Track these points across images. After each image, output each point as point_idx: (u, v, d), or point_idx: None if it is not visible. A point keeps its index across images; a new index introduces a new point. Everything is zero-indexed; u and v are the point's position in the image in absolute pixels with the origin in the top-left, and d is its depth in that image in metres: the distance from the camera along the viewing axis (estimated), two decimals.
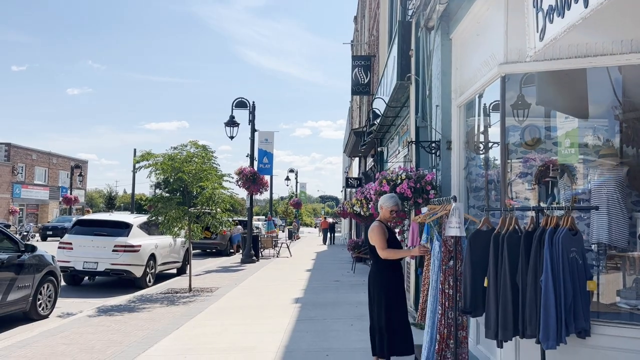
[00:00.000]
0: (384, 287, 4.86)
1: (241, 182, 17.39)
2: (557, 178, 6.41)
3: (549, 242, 3.85)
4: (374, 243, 4.87)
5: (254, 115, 18.17)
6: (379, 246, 4.84)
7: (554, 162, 6.03)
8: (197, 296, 10.41)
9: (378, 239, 4.85)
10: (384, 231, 4.91)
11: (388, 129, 12.12)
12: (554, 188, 6.49)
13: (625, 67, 5.73)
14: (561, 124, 6.20)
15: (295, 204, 38.62)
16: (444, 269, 4.82)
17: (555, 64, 4.40)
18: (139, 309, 9.02)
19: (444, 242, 4.85)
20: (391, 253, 4.86)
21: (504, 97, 4.69)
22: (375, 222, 5.04)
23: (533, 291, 3.87)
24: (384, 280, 4.90)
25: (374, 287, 4.92)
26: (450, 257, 4.80)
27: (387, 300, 4.82)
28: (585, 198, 6.15)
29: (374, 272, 4.98)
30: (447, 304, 4.77)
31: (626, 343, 4.14)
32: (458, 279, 4.75)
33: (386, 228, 4.98)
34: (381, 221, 5.02)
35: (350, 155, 23.53)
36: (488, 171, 6.20)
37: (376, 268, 4.97)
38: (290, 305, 9.10)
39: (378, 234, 4.85)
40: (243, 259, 17.85)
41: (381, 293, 4.85)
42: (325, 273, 14.71)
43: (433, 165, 6.52)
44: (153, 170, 10.71)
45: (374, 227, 4.93)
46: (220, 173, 11.53)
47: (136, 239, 11.98)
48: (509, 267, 3.94)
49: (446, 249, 4.84)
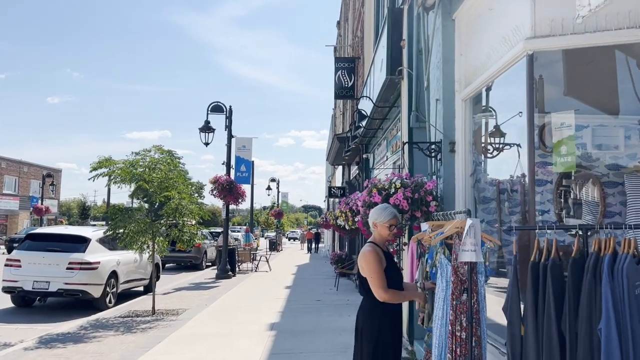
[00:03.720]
0: (373, 337, 3.58)
1: (216, 192, 16.22)
2: (572, 187, 5.39)
3: (609, 275, 2.78)
4: (366, 276, 3.61)
5: (230, 120, 17.02)
6: (376, 284, 3.54)
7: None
8: (159, 320, 9.17)
9: (374, 273, 3.54)
10: (381, 260, 3.59)
11: (375, 134, 11.07)
12: (569, 199, 5.47)
13: None
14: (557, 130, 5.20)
15: (276, 214, 37.36)
16: (454, 304, 3.72)
17: (603, 37, 3.37)
18: (88, 339, 7.76)
19: (455, 269, 3.75)
20: (394, 296, 3.61)
21: (531, 81, 3.65)
22: (367, 246, 3.73)
23: (588, 344, 2.78)
24: (374, 325, 3.60)
25: (362, 331, 3.67)
26: (464, 289, 3.69)
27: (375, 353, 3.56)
28: (616, 211, 5.14)
29: (365, 312, 3.70)
30: (459, 351, 3.65)
31: None
32: (473, 318, 3.65)
33: (383, 254, 3.69)
34: (375, 244, 3.71)
35: (334, 163, 22.45)
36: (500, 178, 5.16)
37: (368, 306, 3.67)
38: (264, 333, 7.92)
39: (373, 265, 3.55)
40: (218, 274, 16.59)
41: (369, 344, 3.58)
42: (306, 290, 13.55)
43: (432, 171, 5.45)
44: (111, 178, 9.49)
45: (366, 253, 3.64)
46: (189, 182, 10.34)
47: (94, 254, 10.69)
48: (555, 310, 2.86)
49: (457, 278, 3.73)
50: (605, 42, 3.48)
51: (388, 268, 3.65)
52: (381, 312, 3.59)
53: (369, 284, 3.58)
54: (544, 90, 4.91)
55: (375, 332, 3.56)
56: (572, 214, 5.31)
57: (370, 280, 3.55)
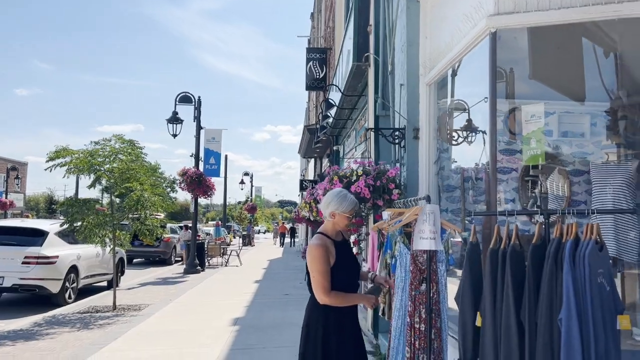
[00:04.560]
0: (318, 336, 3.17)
1: (185, 185, 15.83)
2: (539, 177, 5.29)
3: (571, 262, 2.62)
4: (310, 271, 3.20)
5: (199, 111, 16.62)
6: (318, 285, 3.12)
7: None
8: (120, 316, 8.83)
9: (317, 272, 3.13)
10: (327, 256, 3.16)
11: (344, 125, 10.87)
12: (535, 189, 5.36)
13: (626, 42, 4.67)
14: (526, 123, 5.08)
15: (249, 209, 36.95)
16: (413, 295, 3.53)
17: (568, 14, 3.20)
18: (41, 336, 7.40)
19: (414, 258, 3.56)
20: (337, 300, 3.17)
21: (494, 61, 3.47)
22: (316, 238, 3.26)
23: (548, 335, 2.62)
24: (319, 323, 3.18)
25: (305, 324, 3.28)
26: (423, 278, 3.51)
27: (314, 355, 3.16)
28: (581, 200, 5.04)
29: (310, 308, 3.28)
30: (418, 344, 3.47)
31: None
32: (433, 309, 3.48)
33: (335, 247, 3.24)
34: (326, 235, 3.27)
35: (305, 155, 22.21)
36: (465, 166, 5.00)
37: (313, 302, 3.25)
38: (227, 329, 7.66)
39: (317, 263, 3.13)
40: (186, 268, 16.22)
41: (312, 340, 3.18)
42: (275, 285, 13.30)
43: (396, 158, 5.26)
44: (69, 169, 9.07)
45: (312, 248, 3.20)
46: (151, 172, 9.98)
47: (52, 248, 10.24)
48: (513, 299, 2.68)
49: (416, 267, 3.55)
50: (570, 20, 3.32)
51: (340, 261, 3.22)
52: (327, 309, 3.18)
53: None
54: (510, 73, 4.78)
55: (320, 332, 3.17)
56: (539, 204, 5.20)
57: (312, 279, 3.17)
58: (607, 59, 4.82)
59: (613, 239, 4.20)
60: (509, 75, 5.08)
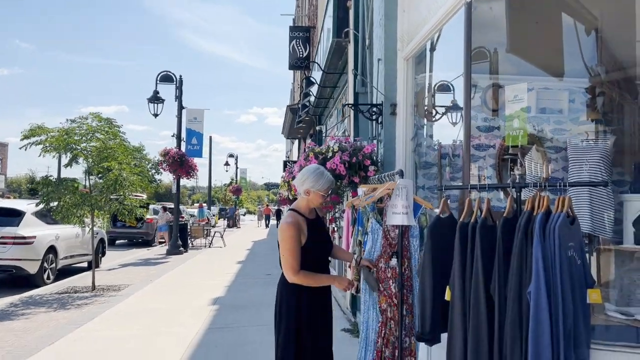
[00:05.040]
0: (291, 315, 3.12)
1: (167, 165, 15.65)
2: (519, 156, 5.26)
3: (540, 235, 2.57)
4: (280, 249, 3.14)
5: (181, 90, 16.37)
6: (287, 264, 3.08)
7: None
8: (98, 296, 8.73)
9: (286, 251, 3.08)
10: (299, 235, 3.10)
11: (326, 104, 10.76)
12: (515, 168, 5.33)
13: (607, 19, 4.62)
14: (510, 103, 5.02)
15: (234, 191, 36.78)
16: (383, 269, 3.49)
17: None
18: (16, 316, 7.29)
19: (385, 233, 3.52)
20: (306, 279, 3.11)
21: (469, 33, 3.39)
22: (288, 216, 3.19)
23: (517, 308, 2.59)
24: (292, 302, 3.14)
25: (278, 304, 3.26)
26: (392, 253, 3.46)
27: (287, 333, 3.10)
28: (559, 177, 5.02)
29: (283, 286, 3.23)
30: (391, 314, 3.45)
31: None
32: (405, 285, 3.44)
33: (307, 224, 3.17)
34: (299, 212, 3.19)
35: (289, 136, 22.05)
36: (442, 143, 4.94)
37: (285, 280, 3.20)
38: (206, 308, 7.62)
39: (288, 241, 3.07)
40: (169, 250, 16.12)
41: (286, 319, 3.15)
42: (258, 265, 13.27)
43: (374, 135, 5.19)
44: (44, 147, 8.87)
45: (283, 226, 3.12)
46: (130, 150, 9.81)
47: (30, 228, 10.08)
48: (482, 273, 2.64)
49: (387, 242, 3.51)
50: None
51: (312, 239, 3.15)
52: (298, 287, 3.13)
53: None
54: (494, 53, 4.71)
55: (293, 310, 3.13)
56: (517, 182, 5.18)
57: (282, 257, 3.12)
58: (587, 36, 4.77)
59: (588, 216, 4.19)
60: (493, 55, 5.01)
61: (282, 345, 3.14)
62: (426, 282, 2.93)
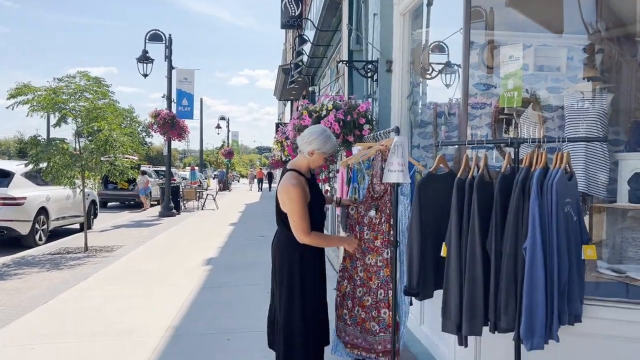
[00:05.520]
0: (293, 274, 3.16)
1: (157, 127, 15.47)
2: (514, 116, 5.20)
3: (538, 191, 2.55)
4: (287, 213, 3.09)
5: (170, 50, 16.01)
6: (298, 227, 3.05)
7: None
8: (91, 257, 8.73)
9: (296, 213, 3.04)
10: (306, 196, 3.08)
11: (319, 64, 10.57)
12: (510, 128, 5.29)
13: None
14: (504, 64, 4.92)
15: (226, 154, 36.56)
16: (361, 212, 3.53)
17: None
18: (9, 276, 7.28)
19: (370, 186, 3.52)
20: (316, 240, 3.14)
21: None
22: (291, 177, 3.12)
23: (512, 264, 2.59)
24: (294, 261, 3.15)
25: (279, 266, 3.23)
26: (371, 205, 3.48)
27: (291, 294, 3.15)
28: (554, 136, 4.99)
29: (283, 245, 3.22)
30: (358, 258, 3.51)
31: (628, 329, 3.00)
32: (382, 239, 3.44)
33: (306, 181, 3.17)
34: (299, 172, 3.17)
35: (281, 98, 21.78)
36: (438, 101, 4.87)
37: (286, 239, 3.18)
38: (199, 268, 7.64)
39: (297, 204, 3.03)
40: (161, 212, 16.09)
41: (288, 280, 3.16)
42: (251, 227, 13.30)
43: (369, 93, 5.10)
44: (32, 107, 8.68)
45: (289, 189, 3.07)
46: (120, 110, 9.64)
47: (20, 189, 9.99)
48: (479, 228, 2.62)
49: (369, 195, 3.52)
50: None
51: (313, 198, 3.15)
52: (302, 246, 3.13)
53: (288, 221, 3.11)
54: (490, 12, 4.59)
55: (297, 269, 3.14)
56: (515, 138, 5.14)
57: (291, 221, 3.07)
58: None
59: (583, 175, 4.17)
60: (489, 15, 4.88)
61: (285, 307, 3.17)
62: (413, 237, 2.93)
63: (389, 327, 3.39)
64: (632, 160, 3.98)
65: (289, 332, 3.14)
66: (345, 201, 3.64)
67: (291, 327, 3.14)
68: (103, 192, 17.70)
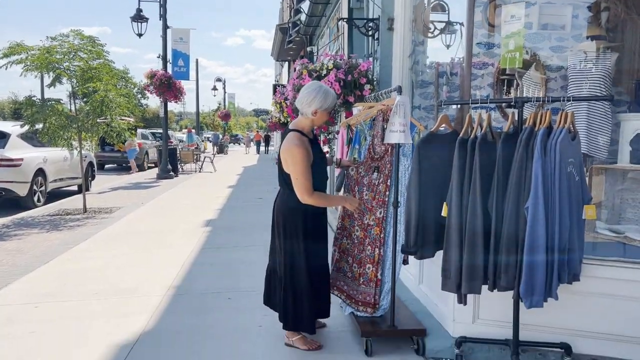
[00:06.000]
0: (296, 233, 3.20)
1: (154, 88, 15.30)
2: (516, 77, 5.14)
3: (541, 150, 2.54)
4: (290, 173, 3.12)
5: (165, 9, 15.66)
6: (301, 187, 3.07)
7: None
8: (90, 218, 8.76)
9: (299, 174, 3.06)
10: (309, 156, 3.10)
11: (318, 22, 10.36)
12: (511, 89, 5.23)
13: None
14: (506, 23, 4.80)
15: (223, 116, 36.29)
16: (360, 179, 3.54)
17: None
18: (9, 237, 7.32)
19: (370, 148, 3.51)
20: (319, 200, 3.16)
21: None
22: (294, 137, 3.13)
23: (514, 223, 2.60)
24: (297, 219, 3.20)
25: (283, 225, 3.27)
26: (372, 167, 3.47)
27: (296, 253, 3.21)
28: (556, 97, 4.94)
29: (285, 204, 3.26)
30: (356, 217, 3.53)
31: (625, 288, 3.04)
32: (379, 199, 3.44)
33: (309, 142, 3.18)
34: (302, 133, 3.18)
35: (278, 58, 21.45)
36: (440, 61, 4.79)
37: (289, 198, 3.22)
38: (198, 230, 7.68)
39: (300, 164, 3.04)
40: (159, 174, 16.09)
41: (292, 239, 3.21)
42: (249, 189, 13.32)
43: (370, 52, 5.01)
44: (25, 66, 8.54)
45: (292, 149, 3.07)
46: (115, 71, 9.50)
47: (16, 151, 9.92)
48: (480, 188, 2.62)
49: (369, 156, 3.51)
50: None
51: (315, 159, 3.17)
52: (304, 206, 3.17)
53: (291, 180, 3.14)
54: None
55: (300, 227, 3.19)
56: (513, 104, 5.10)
57: (295, 180, 3.10)
58: None
59: (584, 136, 4.15)
60: None
61: (289, 265, 3.23)
62: (412, 196, 2.94)
63: (370, 281, 3.45)
64: (635, 121, 3.96)
65: (295, 289, 3.23)
66: (345, 162, 3.64)
67: (298, 284, 3.22)
68: (100, 154, 17.64)
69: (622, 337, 3.07)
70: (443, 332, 3.47)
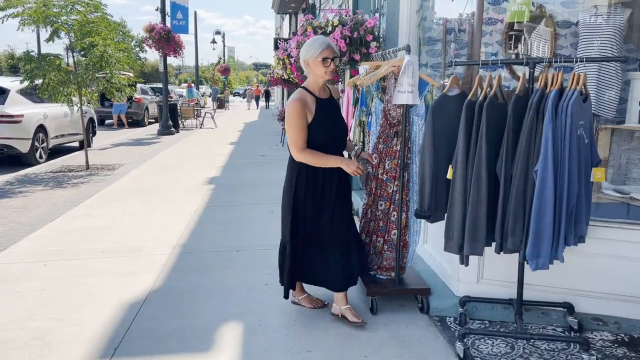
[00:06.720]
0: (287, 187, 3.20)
1: (152, 42, 15.03)
2: (524, 33, 5.03)
3: (552, 113, 2.50)
4: (286, 128, 3.11)
5: None
6: (292, 141, 3.04)
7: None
8: (93, 175, 8.79)
9: (291, 127, 3.02)
10: (303, 112, 3.01)
11: None
12: (519, 44, 5.13)
13: None
14: None
15: (223, 70, 35.78)
16: (380, 148, 3.47)
17: None
18: (13, 194, 7.35)
19: (385, 113, 3.43)
20: (311, 158, 3.06)
21: None
22: (295, 93, 3.12)
23: (522, 187, 2.59)
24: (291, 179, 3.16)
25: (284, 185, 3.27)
26: (394, 133, 3.41)
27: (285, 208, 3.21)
28: (566, 54, 4.85)
29: (288, 162, 3.24)
30: (380, 192, 3.49)
31: (631, 249, 3.07)
32: (407, 164, 3.42)
33: (316, 103, 3.08)
34: (308, 90, 3.11)
35: (279, 11, 20.96)
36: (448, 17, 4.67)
37: (290, 157, 3.21)
38: (202, 187, 7.71)
39: (292, 117, 3.00)
40: (160, 130, 16.01)
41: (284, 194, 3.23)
42: (251, 146, 13.28)
43: (376, 8, 4.88)
44: (22, 20, 8.36)
45: (289, 102, 3.06)
46: (114, 25, 9.29)
47: (16, 107, 9.84)
48: (486, 150, 2.60)
49: (387, 122, 3.44)
50: None
51: (320, 119, 3.06)
52: (299, 165, 3.13)
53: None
54: None
55: (292, 187, 3.16)
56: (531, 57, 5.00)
57: (287, 135, 3.08)
58: None
59: (594, 94, 4.10)
60: None
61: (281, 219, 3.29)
62: (426, 160, 2.90)
63: (395, 246, 3.46)
64: None
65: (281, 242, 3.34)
66: (364, 155, 3.44)
67: (283, 238, 3.31)
68: (100, 110, 17.49)
69: (623, 296, 3.13)
70: (447, 291, 3.53)
